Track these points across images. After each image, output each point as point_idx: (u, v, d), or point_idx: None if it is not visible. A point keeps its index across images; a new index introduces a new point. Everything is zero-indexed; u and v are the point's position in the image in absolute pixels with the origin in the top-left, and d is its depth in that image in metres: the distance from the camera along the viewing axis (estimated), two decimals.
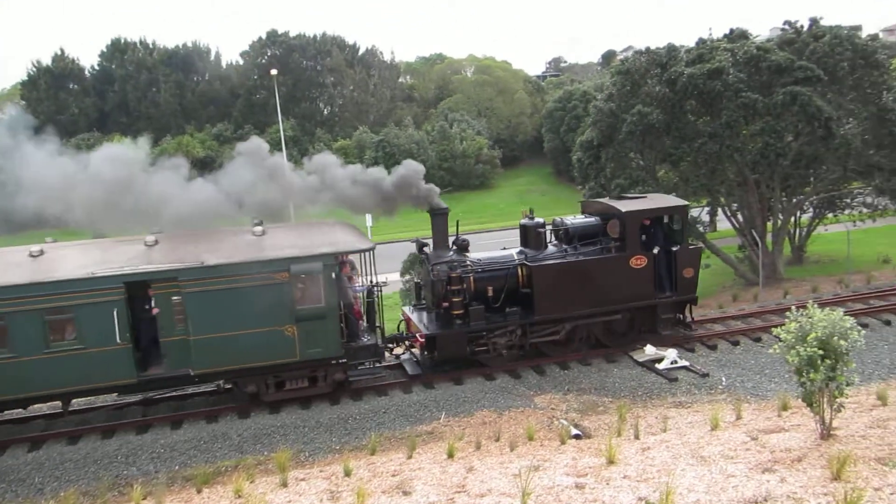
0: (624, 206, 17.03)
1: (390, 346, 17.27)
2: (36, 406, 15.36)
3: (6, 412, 14.83)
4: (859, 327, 10.05)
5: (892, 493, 8.07)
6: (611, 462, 10.37)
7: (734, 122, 24.43)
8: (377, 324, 16.18)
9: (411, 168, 16.29)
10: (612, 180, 27.27)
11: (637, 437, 12.15)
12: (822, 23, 26.95)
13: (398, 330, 17.66)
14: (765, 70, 24.76)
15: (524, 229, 17.55)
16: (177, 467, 13.10)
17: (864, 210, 28.56)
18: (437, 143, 59.71)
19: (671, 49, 27.10)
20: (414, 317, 17.24)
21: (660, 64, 26.56)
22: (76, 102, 62.39)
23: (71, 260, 14.04)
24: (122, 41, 65.33)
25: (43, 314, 13.55)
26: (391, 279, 19.44)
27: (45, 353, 13.62)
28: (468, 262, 16.37)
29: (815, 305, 10.28)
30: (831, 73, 24.68)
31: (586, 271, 16.47)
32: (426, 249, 16.89)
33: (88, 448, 13.81)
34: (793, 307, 10.70)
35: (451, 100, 68.83)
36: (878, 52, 25.79)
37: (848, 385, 9.99)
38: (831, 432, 10.35)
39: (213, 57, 68.69)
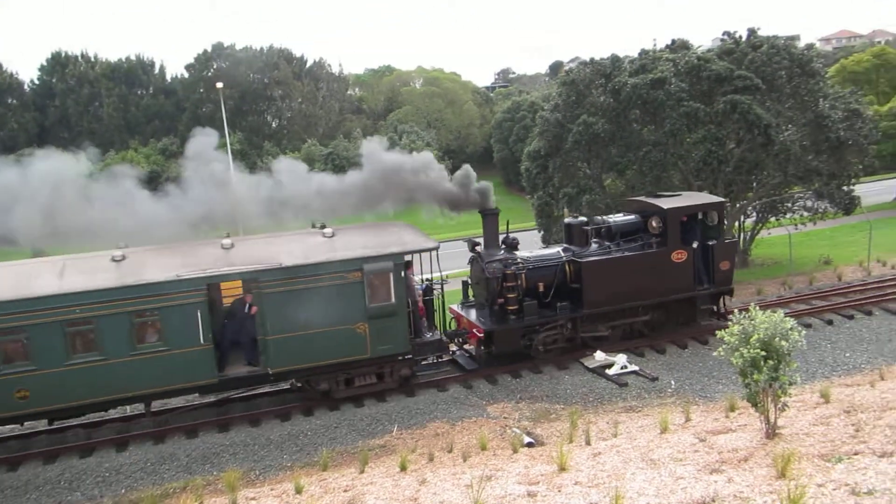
0: (665, 203, 17.77)
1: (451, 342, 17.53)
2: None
3: (85, 416, 15.13)
4: (800, 328, 10.27)
5: (834, 489, 8.23)
6: (562, 469, 10.37)
7: (677, 130, 24.98)
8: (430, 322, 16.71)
9: (466, 171, 16.94)
10: (560, 189, 27.59)
11: (588, 443, 12.20)
12: (760, 33, 27.80)
13: (448, 327, 17.74)
14: (706, 79, 25.39)
15: (569, 227, 18.36)
16: (123, 491, 12.69)
17: (805, 213, 29.41)
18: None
19: (615, 60, 27.61)
20: (464, 314, 17.57)
21: (604, 74, 27.03)
22: (15, 117, 60.60)
23: (154, 263, 14.21)
24: (63, 54, 63.82)
25: (131, 317, 13.77)
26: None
27: (131, 355, 13.85)
28: (519, 260, 16.91)
29: (758, 308, 10.49)
30: (770, 81, 25.43)
31: (631, 266, 17.21)
32: (478, 248, 17.31)
33: (29, 474, 13.28)
34: (735, 310, 10.91)
35: (400, 111, 68.87)
36: (813, 60, 26.70)
37: (791, 384, 10.21)
38: (776, 431, 10.54)
39: (157, 70, 67.47)
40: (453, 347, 17.83)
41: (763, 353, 9.86)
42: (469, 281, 18.11)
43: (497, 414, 14.98)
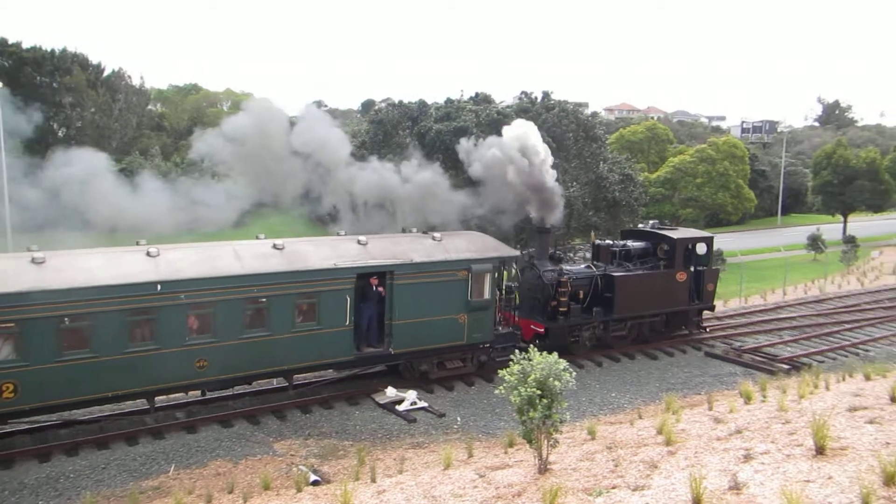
0: (673, 234, 22.30)
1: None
2: None
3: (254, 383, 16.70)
4: (571, 369, 11.09)
5: None
6: None
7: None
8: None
9: None
10: (341, 225, 27.84)
11: (374, 480, 12.18)
12: (553, 96, 30.35)
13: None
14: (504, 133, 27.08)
15: (597, 248, 22.80)
16: None
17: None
18: (189, 176, 56.57)
19: (422, 105, 28.69)
20: (513, 314, 20.18)
21: (411, 117, 27.94)
22: None
23: (313, 253, 16.31)
24: None
25: (294, 299, 15.68)
26: None
27: (291, 332, 15.71)
28: (566, 271, 20.76)
29: (536, 350, 11.18)
30: (559, 141, 27.74)
31: (649, 281, 21.66)
32: (533, 260, 20.92)
33: None
34: (516, 351, 11.56)
35: (204, 132, 65.84)
36: (597, 127, 29.60)
37: (562, 422, 10.93)
38: (548, 466, 11.20)
39: None
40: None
41: (539, 392, 10.49)
42: (512, 286, 20.28)
43: (284, 451, 14.53)
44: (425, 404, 17.00)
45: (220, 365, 14.98)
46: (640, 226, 24.35)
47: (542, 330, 20.02)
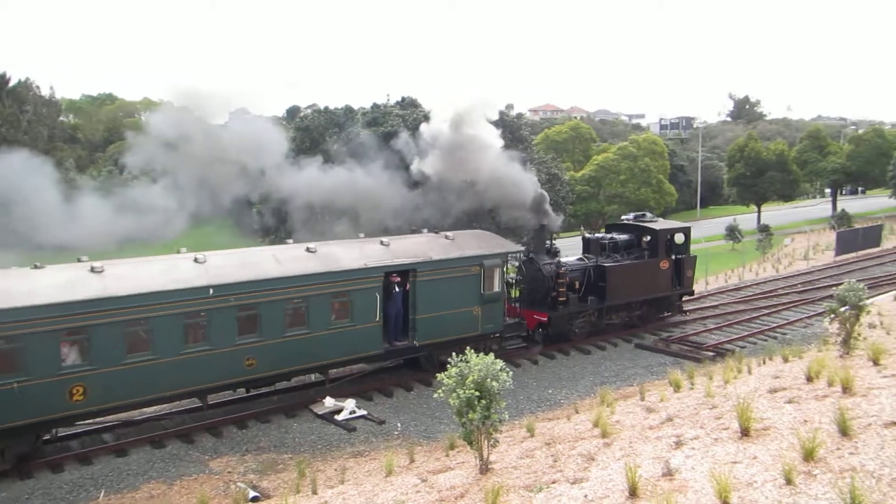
0: (655, 225, 24.22)
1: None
2: None
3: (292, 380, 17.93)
4: (508, 369, 11.24)
5: None
6: None
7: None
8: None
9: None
10: (293, 234, 27.45)
11: (315, 492, 12.06)
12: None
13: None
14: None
15: (587, 241, 24.37)
16: None
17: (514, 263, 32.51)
18: (107, 189, 54.56)
19: (349, 111, 28.53)
20: (514, 305, 21.82)
21: (338, 123, 27.75)
22: None
23: (344, 254, 17.50)
24: None
25: (329, 298, 16.82)
26: None
27: (328, 329, 16.84)
28: (563, 263, 22.20)
29: (473, 351, 11.30)
30: None
31: (638, 270, 23.39)
32: (531, 254, 22.20)
33: None
34: (453, 353, 11.63)
35: (122, 143, 63.68)
36: (522, 128, 30.05)
37: (501, 422, 11.08)
38: (489, 466, 11.33)
39: None
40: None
41: (477, 393, 10.61)
42: (513, 280, 21.98)
43: (221, 469, 14.20)
44: (365, 412, 16.91)
45: (266, 362, 16.04)
46: (623, 218, 26.34)
47: (546, 318, 21.53)
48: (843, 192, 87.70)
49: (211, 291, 15.05)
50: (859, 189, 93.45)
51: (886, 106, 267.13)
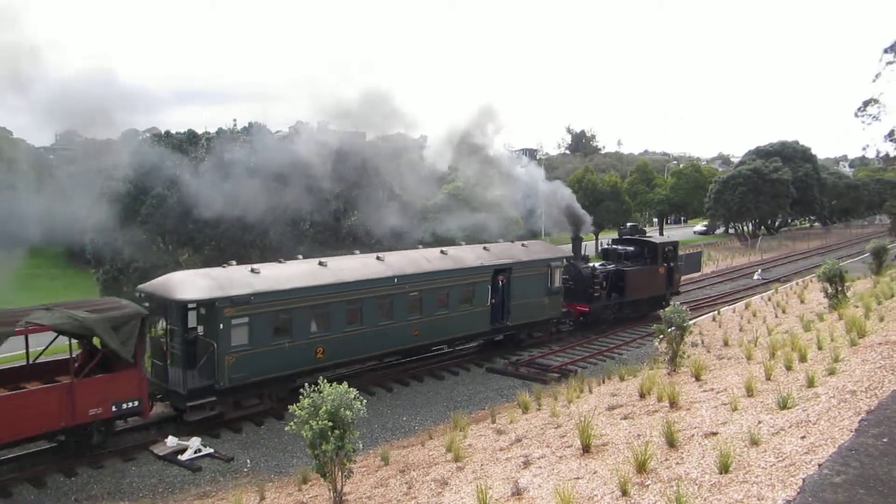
0: (655, 240, 32.72)
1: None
2: None
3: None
4: (362, 398, 11.22)
5: None
6: None
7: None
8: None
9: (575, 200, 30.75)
10: (132, 264, 25.94)
11: None
12: (332, 126, 30.56)
13: None
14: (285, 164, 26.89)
15: (606, 251, 32.31)
16: None
17: None
18: None
19: (192, 135, 27.47)
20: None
21: (181, 149, 26.63)
22: None
23: (467, 255, 23.99)
24: None
25: (461, 287, 23.17)
26: None
27: (459, 311, 23.19)
28: (595, 268, 29.18)
29: (325, 381, 11.17)
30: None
31: (645, 273, 30.60)
32: (571, 260, 28.72)
33: None
34: (305, 385, 11.43)
35: None
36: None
37: (355, 451, 11.02)
38: (343, 498, 11.21)
39: None
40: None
41: (330, 423, 10.48)
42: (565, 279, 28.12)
43: None
44: (211, 450, 16.14)
45: (426, 334, 22.17)
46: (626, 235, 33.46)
47: (587, 309, 28.03)
48: (668, 221, 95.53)
49: (395, 280, 20.86)
50: (682, 218, 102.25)
51: (702, 143, 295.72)
